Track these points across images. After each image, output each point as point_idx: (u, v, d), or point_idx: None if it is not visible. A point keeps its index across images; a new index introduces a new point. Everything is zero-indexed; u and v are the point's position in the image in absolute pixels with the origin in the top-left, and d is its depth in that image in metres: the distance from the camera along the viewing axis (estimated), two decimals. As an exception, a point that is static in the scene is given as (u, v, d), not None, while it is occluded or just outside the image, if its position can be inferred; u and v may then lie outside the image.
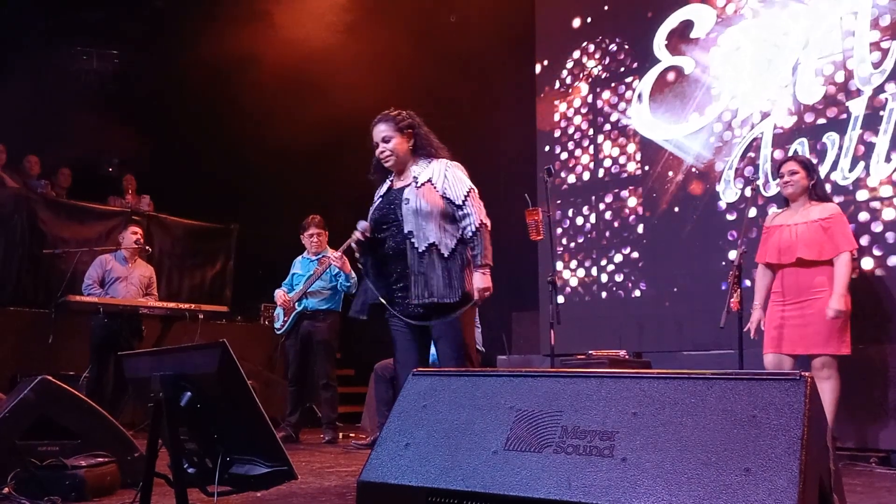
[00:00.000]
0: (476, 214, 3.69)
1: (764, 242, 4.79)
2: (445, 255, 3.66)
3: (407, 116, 3.85)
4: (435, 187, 3.70)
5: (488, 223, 3.75)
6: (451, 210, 3.71)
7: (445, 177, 3.73)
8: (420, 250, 3.64)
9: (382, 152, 3.80)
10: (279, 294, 6.33)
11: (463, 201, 3.69)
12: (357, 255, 3.89)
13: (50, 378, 3.54)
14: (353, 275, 6.15)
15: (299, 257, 6.52)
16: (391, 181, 3.89)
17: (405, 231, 3.67)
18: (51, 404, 3.47)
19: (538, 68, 7.62)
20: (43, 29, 9.42)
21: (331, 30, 8.93)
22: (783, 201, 4.91)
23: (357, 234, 3.79)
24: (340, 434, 6.82)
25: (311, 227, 6.37)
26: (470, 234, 3.69)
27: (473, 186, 3.77)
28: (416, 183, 3.72)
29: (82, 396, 3.72)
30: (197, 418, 2.50)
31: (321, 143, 9.44)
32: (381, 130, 3.80)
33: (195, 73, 9.26)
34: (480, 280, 3.67)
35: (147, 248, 7.18)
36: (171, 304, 6.99)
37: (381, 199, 3.86)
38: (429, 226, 3.66)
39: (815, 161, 5.56)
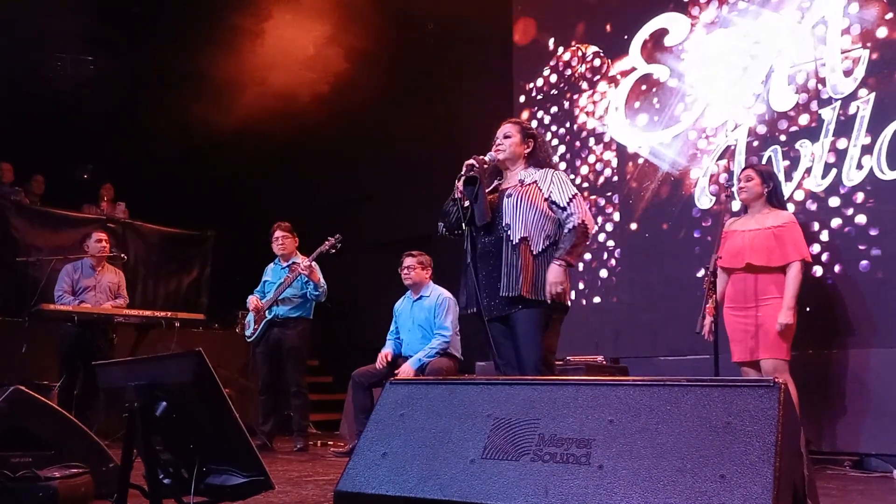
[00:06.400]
0: (578, 214, 3.77)
1: (720, 247, 4.82)
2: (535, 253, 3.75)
3: (532, 128, 4.07)
4: (540, 190, 3.82)
5: (591, 226, 3.84)
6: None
7: (552, 181, 3.85)
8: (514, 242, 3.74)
9: (499, 144, 3.93)
10: (252, 300, 6.31)
11: (568, 203, 3.79)
12: (457, 192, 3.82)
13: (23, 388, 3.49)
14: (323, 284, 6.15)
15: (271, 264, 6.50)
16: (498, 183, 4.00)
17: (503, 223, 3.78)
18: (24, 414, 3.42)
19: (514, 77, 7.65)
20: (17, 34, 9.32)
21: (302, 39, 8.94)
22: (744, 208, 4.97)
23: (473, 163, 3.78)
24: (318, 441, 6.79)
25: (276, 231, 6.37)
26: (568, 230, 3.77)
27: (578, 192, 3.88)
28: (521, 184, 3.85)
29: (56, 406, 3.67)
30: (172, 428, 2.48)
31: (298, 152, 9.43)
32: (503, 128, 3.99)
33: (171, 80, 9.21)
34: (553, 273, 3.71)
35: (122, 255, 7.09)
36: (147, 312, 6.89)
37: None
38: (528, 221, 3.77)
39: (785, 168, 5.65)
